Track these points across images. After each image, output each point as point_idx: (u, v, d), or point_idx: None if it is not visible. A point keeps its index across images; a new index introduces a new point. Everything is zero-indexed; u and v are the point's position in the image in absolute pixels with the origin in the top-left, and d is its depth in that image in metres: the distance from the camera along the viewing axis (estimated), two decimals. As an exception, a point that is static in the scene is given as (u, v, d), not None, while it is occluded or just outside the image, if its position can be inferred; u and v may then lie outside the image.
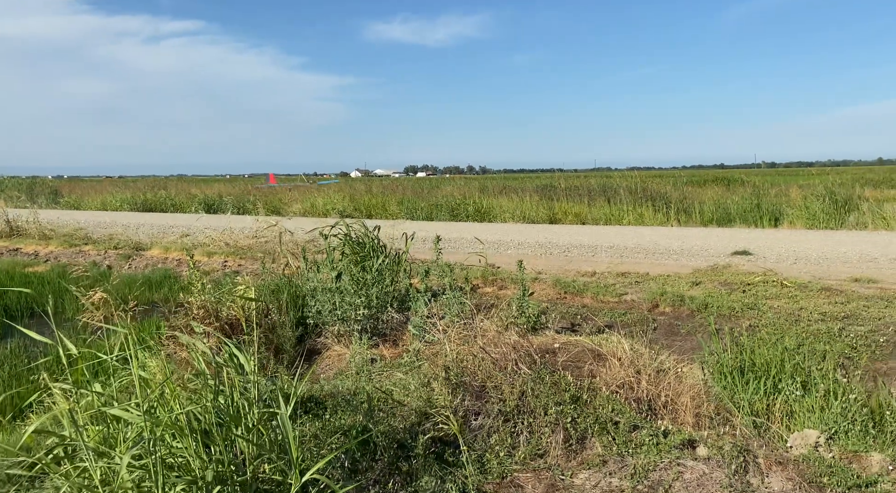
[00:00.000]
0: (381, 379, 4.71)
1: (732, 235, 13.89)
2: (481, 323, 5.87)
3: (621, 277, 9.27)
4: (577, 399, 3.87)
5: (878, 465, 3.26)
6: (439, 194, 24.01)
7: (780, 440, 3.84)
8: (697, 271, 9.39)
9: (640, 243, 12.70)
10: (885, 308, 6.77)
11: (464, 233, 15.18)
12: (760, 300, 7.39)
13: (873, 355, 5.77)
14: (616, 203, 19.46)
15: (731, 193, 21.03)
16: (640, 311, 7.52)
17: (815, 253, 10.61)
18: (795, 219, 15.82)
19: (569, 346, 5.45)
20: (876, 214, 15.16)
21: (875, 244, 11.36)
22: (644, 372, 4.53)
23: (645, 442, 3.46)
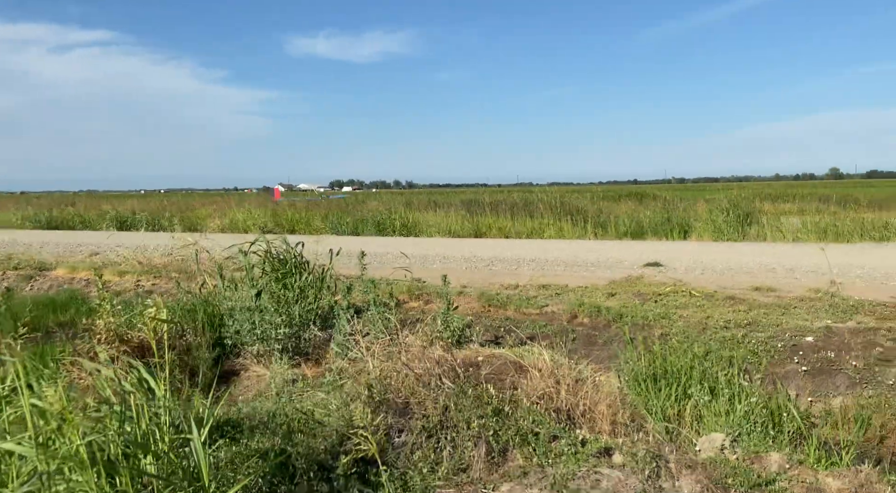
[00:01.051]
0: (303, 399, 4.61)
1: (645, 247, 14.52)
2: (406, 338, 5.87)
3: (543, 289, 9.50)
4: (500, 412, 3.92)
5: (777, 464, 3.48)
6: (365, 209, 23.89)
7: (690, 444, 4.03)
8: (613, 282, 9.75)
9: (560, 256, 13.07)
10: (783, 315, 7.26)
11: (390, 248, 15.13)
12: (671, 310, 7.75)
13: (773, 359, 6.17)
14: (538, 217, 19.98)
15: (643, 207, 22.05)
16: (560, 322, 7.73)
17: (721, 264, 11.26)
18: (702, 231, 16.74)
19: (492, 359, 5.53)
20: (773, 226, 16.27)
21: (773, 255, 12.18)
22: (563, 382, 4.65)
23: (564, 452, 3.54)
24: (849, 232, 15.04)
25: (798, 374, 5.97)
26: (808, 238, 15.03)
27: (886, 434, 5.10)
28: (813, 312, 7.31)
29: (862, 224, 15.49)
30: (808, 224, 16.35)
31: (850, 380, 5.75)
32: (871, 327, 6.59)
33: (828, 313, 7.21)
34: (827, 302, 7.67)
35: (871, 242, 14.33)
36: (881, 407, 5.31)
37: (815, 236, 15.16)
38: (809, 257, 11.10)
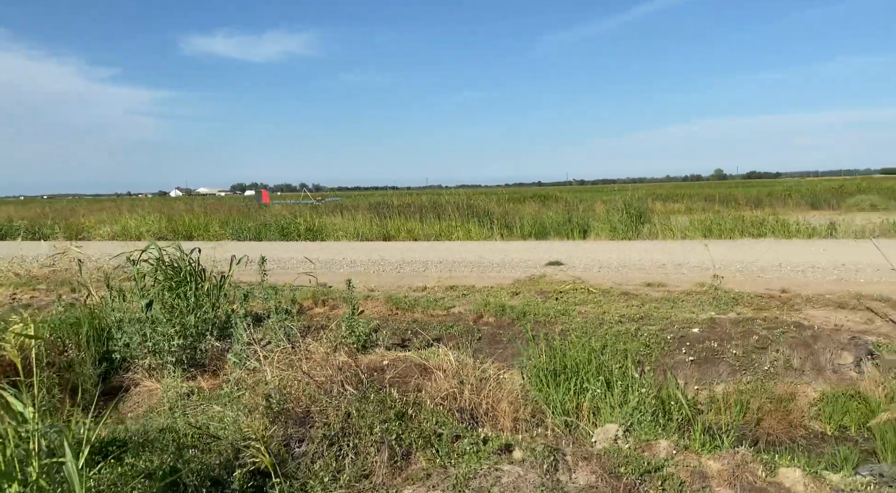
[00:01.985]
0: (198, 413, 4.40)
1: (548, 247, 15.00)
2: (310, 346, 5.73)
3: (450, 290, 9.58)
4: (403, 415, 3.90)
5: (665, 450, 3.67)
6: (268, 213, 23.18)
7: (588, 436, 4.18)
8: (517, 281, 9.99)
9: (467, 258, 13.25)
10: (672, 309, 7.70)
11: (295, 253, 14.77)
12: (571, 306, 8.03)
13: (663, 350, 6.53)
14: (446, 219, 20.16)
15: (546, 208, 22.77)
16: (466, 322, 7.82)
17: (616, 261, 11.82)
18: (600, 231, 17.51)
19: (397, 362, 5.51)
20: (664, 225, 17.28)
21: (663, 252, 12.92)
22: (467, 382, 4.71)
23: (467, 451, 3.58)
24: (730, 229, 16.22)
25: (686, 364, 6.35)
26: (695, 235, 16.07)
27: (763, 416, 5.54)
28: (699, 305, 7.80)
29: (742, 222, 16.75)
30: (695, 222, 17.48)
31: (732, 367, 6.18)
32: (749, 317, 7.12)
33: (712, 305, 7.73)
34: (711, 295, 8.21)
35: (750, 238, 15.52)
36: (758, 391, 5.76)
37: (701, 234, 16.24)
38: (696, 254, 11.87)
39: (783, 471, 3.39)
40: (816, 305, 7.52)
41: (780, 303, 7.64)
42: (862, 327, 6.69)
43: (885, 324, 6.75)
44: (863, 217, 17.92)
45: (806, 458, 3.83)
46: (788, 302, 7.67)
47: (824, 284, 8.81)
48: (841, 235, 15.09)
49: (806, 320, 6.87)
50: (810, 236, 15.19)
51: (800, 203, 27.63)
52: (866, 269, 9.74)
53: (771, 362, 6.13)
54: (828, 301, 7.64)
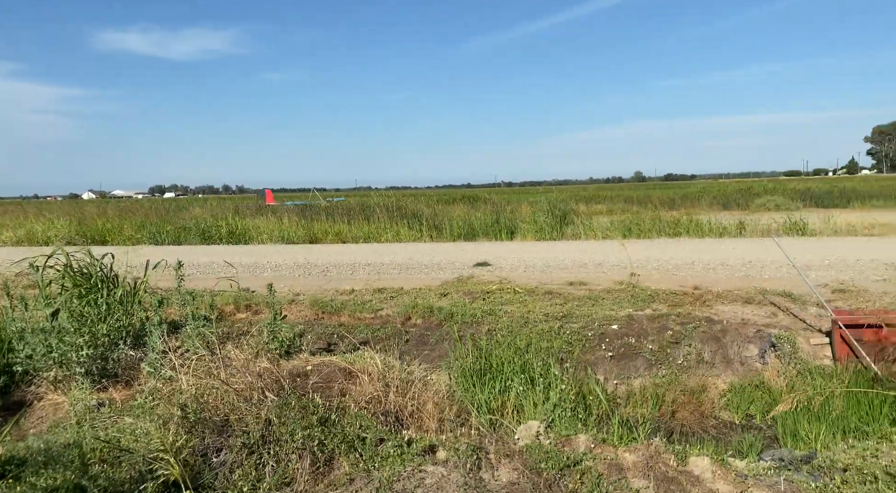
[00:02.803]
0: (108, 426, 4.17)
1: (476, 248, 15.17)
2: (230, 352, 5.56)
3: (378, 293, 9.52)
4: (326, 420, 3.85)
5: (584, 445, 3.78)
6: (188, 216, 22.33)
7: (511, 433, 4.25)
8: (446, 282, 10.05)
9: (396, 260, 13.22)
10: (593, 306, 7.94)
11: (216, 257, 14.30)
12: (497, 306, 8.15)
13: (584, 347, 6.73)
14: (375, 221, 20.04)
15: (475, 210, 23.02)
16: (394, 324, 7.79)
17: (541, 261, 12.09)
18: (527, 232, 17.87)
19: (322, 367, 5.42)
20: (587, 225, 17.83)
21: (585, 252, 13.33)
22: (393, 385, 4.69)
23: (390, 454, 3.56)
24: (648, 229, 16.92)
25: (606, 359, 6.56)
26: (616, 236, 16.65)
27: (677, 408, 5.80)
28: (618, 302, 8.09)
29: (659, 222, 17.51)
30: (616, 223, 18.14)
31: (648, 362, 6.44)
32: (665, 313, 7.44)
33: (630, 302, 8.03)
34: (629, 293, 8.53)
35: (667, 237, 16.24)
36: (672, 385, 6.02)
37: (621, 234, 16.84)
38: (615, 253, 12.30)
39: (693, 460, 3.56)
40: (726, 300, 7.95)
41: (692, 299, 8.03)
42: (766, 320, 7.12)
43: (787, 317, 7.21)
44: (769, 217, 19.10)
45: (714, 446, 4.04)
46: (701, 298, 8.07)
47: (733, 280, 9.32)
48: (749, 234, 16.02)
49: (716, 315, 7.24)
50: (721, 235, 16.04)
51: (712, 204, 29.16)
52: (770, 266, 10.39)
53: (684, 356, 6.43)
54: (736, 297, 8.09)
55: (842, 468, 3.55)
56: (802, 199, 29.26)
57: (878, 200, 28.21)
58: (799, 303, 7.71)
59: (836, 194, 30.97)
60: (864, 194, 30.39)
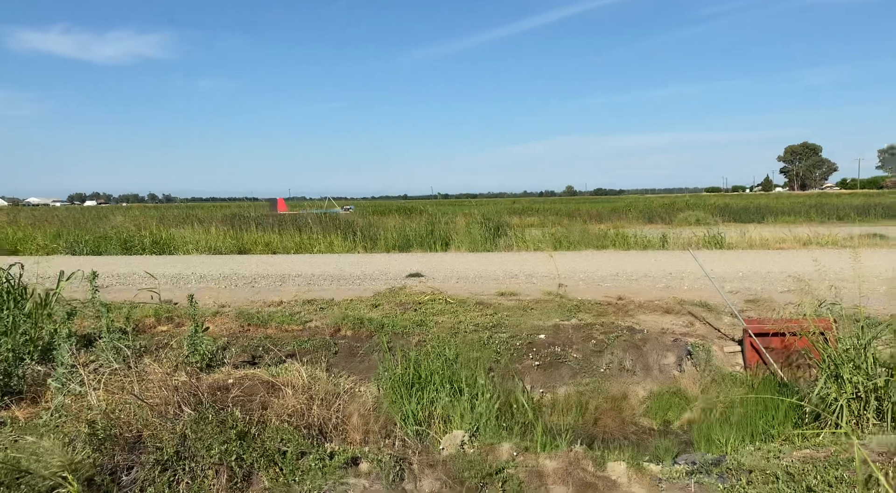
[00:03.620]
0: (8, 446, 3.91)
1: (410, 259, 15.17)
2: (147, 366, 5.33)
3: (308, 304, 9.37)
4: (245, 434, 3.74)
5: (508, 453, 3.83)
6: (109, 225, 21.34)
7: (436, 444, 4.26)
8: (378, 293, 9.99)
9: (328, 271, 13.04)
10: (522, 316, 8.08)
11: (137, 268, 13.71)
12: (428, 317, 8.17)
13: (512, 357, 6.82)
14: (307, 232, 19.73)
15: (410, 221, 23.03)
16: (323, 336, 7.67)
17: (474, 272, 12.21)
18: (461, 243, 18.02)
19: (244, 380, 5.27)
20: (519, 238, 18.15)
21: (517, 263, 13.56)
22: (317, 397, 4.61)
23: (312, 467, 3.50)
24: (577, 241, 17.39)
25: (533, 368, 6.68)
26: (547, 247, 17.01)
27: (599, 415, 5.96)
28: (546, 312, 8.25)
29: (587, 234, 18.03)
30: (547, 235, 18.55)
31: (573, 370, 6.59)
32: (589, 322, 7.65)
33: (557, 312, 8.21)
34: (557, 303, 8.73)
35: (594, 249, 16.73)
36: (596, 392, 6.19)
37: (552, 246, 17.24)
38: (545, 265, 12.55)
39: (611, 465, 3.67)
40: (647, 310, 8.25)
41: (616, 309, 8.29)
42: (684, 329, 7.44)
43: (703, 326, 7.56)
44: (690, 231, 19.98)
45: (632, 452, 4.18)
46: (624, 308, 8.35)
47: (654, 291, 9.69)
48: (671, 247, 16.71)
49: (638, 325, 7.50)
50: (645, 248, 16.66)
51: (638, 218, 30.32)
52: (689, 277, 10.86)
53: (607, 365, 6.62)
54: (657, 307, 8.41)
55: (748, 469, 3.73)
56: (721, 214, 30.82)
57: (789, 215, 30.09)
58: (714, 313, 8.09)
59: (752, 210, 32.83)
60: (777, 210, 32.35)
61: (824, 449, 3.92)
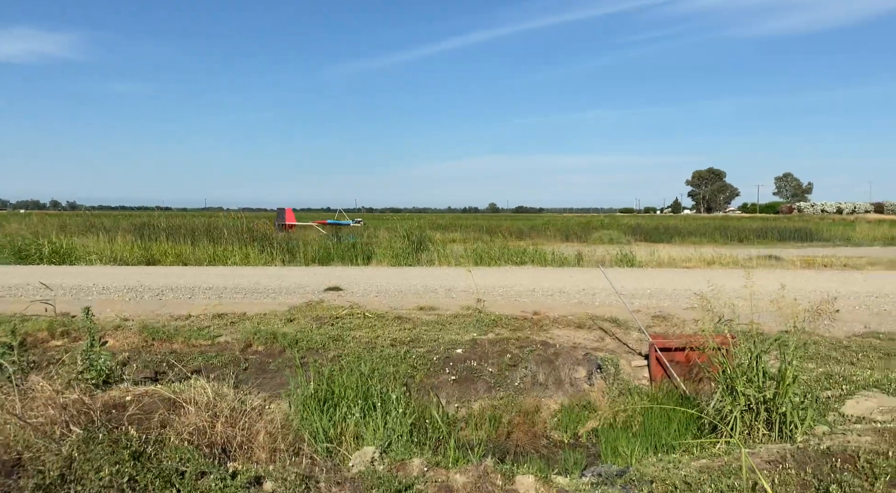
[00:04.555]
0: None
1: (330, 272, 14.92)
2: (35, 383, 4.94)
3: (218, 318, 9.01)
4: (141, 454, 3.52)
5: (418, 469, 3.79)
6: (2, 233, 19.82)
7: (346, 461, 4.16)
8: (293, 307, 9.75)
9: (242, 283, 12.62)
10: (440, 331, 8.09)
11: (32, 278, 12.77)
12: (345, 331, 8.04)
13: (429, 371, 6.81)
14: (222, 243, 19.04)
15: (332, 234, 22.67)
16: (233, 352, 7.39)
17: (394, 287, 12.15)
18: (383, 257, 17.91)
19: (144, 397, 4.98)
20: (441, 253, 18.25)
21: (437, 278, 13.61)
22: (221, 415, 4.42)
23: (212, 488, 3.32)
24: (497, 257, 17.67)
25: (449, 383, 6.68)
26: (467, 263, 17.19)
27: (512, 429, 6.02)
28: (464, 327, 8.31)
29: (507, 251, 18.36)
30: (468, 251, 18.76)
31: (488, 384, 6.65)
32: (506, 337, 7.76)
33: (474, 327, 8.28)
34: (475, 318, 8.80)
35: (513, 265, 17.05)
36: (509, 406, 6.26)
37: (473, 261, 17.44)
38: (465, 279, 12.66)
39: (519, 479, 3.70)
40: (561, 325, 8.46)
41: (531, 324, 8.45)
42: (595, 344, 7.67)
43: (613, 341, 7.82)
44: (603, 249, 20.76)
45: (540, 465, 4.23)
46: (539, 323, 8.52)
47: (568, 306, 9.96)
48: (585, 264, 17.26)
49: (552, 339, 7.68)
50: (562, 265, 17.14)
51: (556, 235, 31.22)
52: (601, 293, 11.25)
53: (521, 379, 6.72)
54: (570, 322, 8.64)
55: (650, 480, 3.86)
56: (633, 233, 32.26)
57: (695, 236, 31.85)
58: (623, 328, 8.40)
59: (662, 230, 34.54)
60: (685, 231, 34.19)
61: (719, 459, 4.11)
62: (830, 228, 38.18)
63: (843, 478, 3.47)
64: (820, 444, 4.09)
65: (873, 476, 3.49)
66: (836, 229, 36.57)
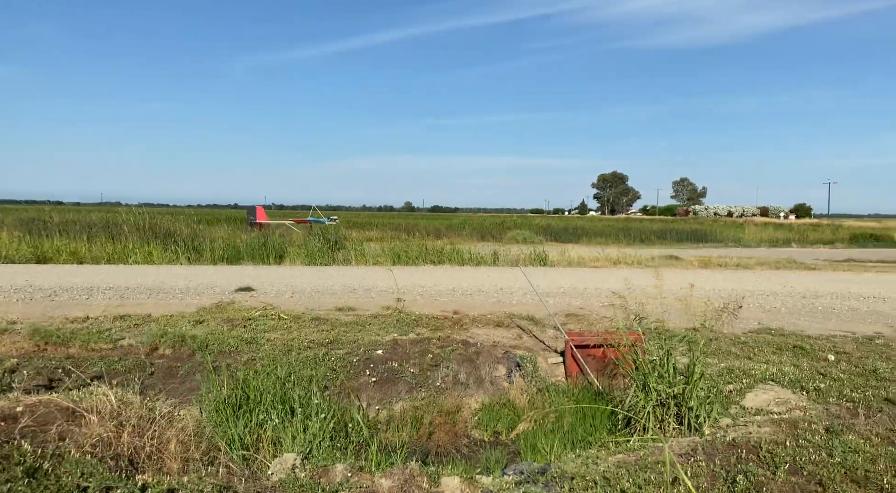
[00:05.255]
0: None
1: (240, 272, 14.37)
2: None
3: (120, 320, 8.46)
4: (37, 470, 3.22)
5: (341, 474, 3.70)
6: None
7: (265, 469, 4.00)
8: (202, 309, 9.30)
9: (145, 283, 11.92)
10: (360, 332, 7.96)
11: None
12: (259, 334, 7.75)
13: (349, 373, 6.68)
14: (122, 241, 17.91)
15: (241, 232, 21.86)
16: (137, 356, 6.96)
17: (310, 287, 11.85)
18: (296, 256, 17.44)
19: (38, 407, 4.57)
20: (358, 251, 18.00)
21: (355, 277, 13.42)
22: (128, 424, 4.13)
23: (119, 505, 3.09)
24: (415, 256, 17.65)
25: (370, 385, 6.58)
26: (386, 262, 17.07)
27: (434, 430, 6.01)
28: (384, 327, 8.22)
29: (425, 250, 18.36)
30: (386, 249, 18.61)
31: (410, 385, 6.60)
32: (427, 336, 7.75)
33: (395, 327, 8.21)
34: (395, 318, 8.73)
35: (431, 264, 17.08)
36: (430, 407, 6.24)
37: (391, 260, 17.32)
38: (384, 279, 12.56)
39: (445, 480, 3.69)
40: (481, 324, 8.55)
41: (452, 323, 8.49)
42: (514, 342, 7.80)
43: (530, 339, 7.98)
44: (517, 248, 21.20)
45: (464, 465, 4.24)
46: (459, 322, 8.57)
47: (487, 305, 10.09)
48: (501, 264, 17.57)
49: (472, 338, 7.73)
50: (479, 264, 17.35)
51: (472, 235, 31.62)
52: (518, 292, 11.47)
53: (442, 379, 6.72)
54: (489, 321, 8.75)
55: (570, 476, 3.95)
56: (545, 233, 33.20)
57: (601, 237, 33.21)
58: (540, 326, 8.60)
59: (571, 231, 35.82)
60: (592, 232, 35.61)
61: (634, 453, 4.28)
62: (723, 230, 40.89)
63: (749, 468, 3.69)
64: (726, 436, 4.34)
65: (774, 465, 3.73)
66: (728, 231, 39.22)
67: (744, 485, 3.50)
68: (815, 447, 4.02)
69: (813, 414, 4.87)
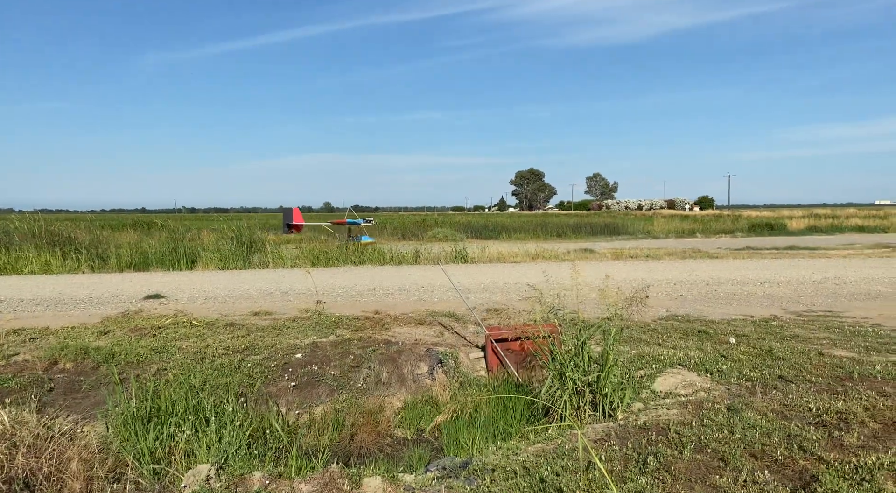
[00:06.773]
0: None
1: (148, 279, 13.69)
2: None
3: (13, 334, 7.87)
4: (-85, 505, 2.94)
5: (259, 482, 3.59)
6: None
7: (178, 482, 3.82)
8: (107, 319, 8.79)
9: (42, 294, 11.13)
10: (277, 336, 7.76)
11: None
12: (170, 342, 7.41)
13: (267, 379, 6.49)
14: (15, 250, 16.64)
15: (149, 237, 20.83)
16: (34, 372, 6.49)
17: (224, 291, 11.44)
18: (209, 261, 16.80)
19: (-84, 435, 4.18)
20: (275, 254, 17.54)
21: (272, 281, 13.07)
22: (22, 445, 3.84)
23: (13, 533, 2.87)
24: (335, 257, 17.39)
25: (289, 390, 6.43)
26: (304, 263, 16.73)
27: (356, 431, 5.95)
28: (303, 330, 8.05)
29: (345, 250, 18.13)
30: (305, 251, 18.23)
31: (331, 388, 6.50)
32: (348, 338, 7.65)
33: (315, 330, 8.06)
34: (315, 320, 8.57)
35: (352, 265, 16.89)
36: (352, 408, 6.17)
37: (310, 262, 16.99)
38: (303, 281, 12.32)
39: (367, 481, 3.65)
40: (402, 323, 8.53)
41: (373, 323, 8.42)
42: (435, 339, 7.83)
43: (452, 335, 8.05)
44: (439, 246, 21.33)
45: (387, 465, 4.22)
46: (380, 322, 8.52)
47: (408, 304, 10.09)
48: (423, 262, 17.62)
49: (394, 337, 7.71)
50: (400, 263, 17.33)
51: (393, 234, 31.52)
52: (440, 289, 11.54)
53: (364, 379, 6.66)
54: (411, 319, 8.75)
55: (491, 468, 4.01)
56: (465, 231, 33.56)
57: (520, 233, 33.93)
58: (461, 322, 8.68)
59: (491, 228, 36.38)
60: (511, 228, 36.29)
61: (553, 442, 4.40)
62: (633, 222, 42.75)
63: (658, 449, 3.87)
64: (637, 420, 4.54)
65: (682, 445, 3.94)
66: (638, 224, 41.05)
67: (654, 465, 3.67)
68: (717, 425, 4.27)
69: (716, 394, 5.18)
